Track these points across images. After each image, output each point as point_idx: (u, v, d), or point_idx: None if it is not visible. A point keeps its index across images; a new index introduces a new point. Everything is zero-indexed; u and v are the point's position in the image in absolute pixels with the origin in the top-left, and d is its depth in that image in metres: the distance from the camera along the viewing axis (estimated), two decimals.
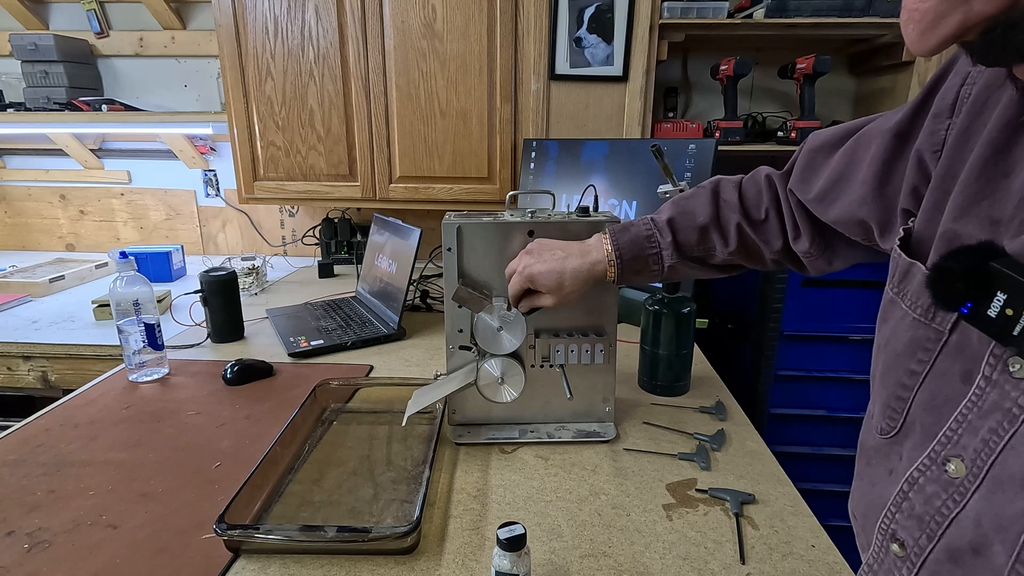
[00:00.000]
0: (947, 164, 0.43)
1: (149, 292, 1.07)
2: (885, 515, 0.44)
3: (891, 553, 0.43)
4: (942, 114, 0.45)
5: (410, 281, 1.30)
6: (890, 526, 0.44)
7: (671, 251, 0.73)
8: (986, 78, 0.43)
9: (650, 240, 0.73)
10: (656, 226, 0.74)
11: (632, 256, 0.74)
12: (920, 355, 0.42)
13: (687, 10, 1.54)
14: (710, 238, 0.72)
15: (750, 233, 0.71)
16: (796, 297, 1.33)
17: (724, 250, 0.72)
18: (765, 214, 0.70)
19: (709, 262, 0.74)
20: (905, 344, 0.44)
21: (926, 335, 0.42)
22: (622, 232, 0.74)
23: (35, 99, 1.81)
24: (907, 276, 0.44)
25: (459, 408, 0.90)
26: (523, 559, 0.56)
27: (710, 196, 0.73)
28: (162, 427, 0.91)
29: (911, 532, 0.42)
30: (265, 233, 2.13)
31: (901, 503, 0.43)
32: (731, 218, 0.71)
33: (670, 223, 0.73)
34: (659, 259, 0.73)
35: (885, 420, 0.46)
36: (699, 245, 0.73)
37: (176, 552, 0.64)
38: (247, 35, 1.58)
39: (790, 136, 1.63)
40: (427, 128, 1.62)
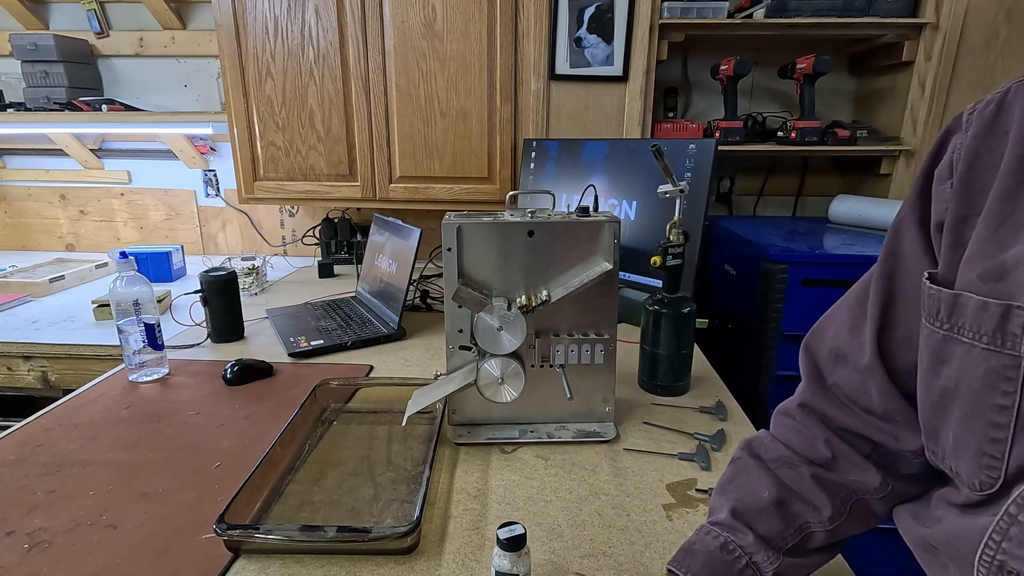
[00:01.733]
0: (956, 209, 0.43)
1: (149, 292, 1.07)
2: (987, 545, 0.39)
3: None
4: (943, 177, 0.45)
5: (410, 281, 1.30)
6: (995, 556, 0.38)
7: (764, 552, 0.52)
8: (974, 128, 0.43)
9: (727, 550, 0.52)
10: (723, 527, 0.54)
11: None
12: (1004, 386, 0.38)
13: (687, 10, 1.54)
14: (795, 512, 0.53)
15: (834, 480, 0.53)
16: (796, 297, 1.33)
17: (820, 518, 0.53)
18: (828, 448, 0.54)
19: (810, 546, 0.53)
20: (982, 379, 0.39)
21: (1002, 363, 0.38)
22: (686, 558, 0.53)
23: (35, 99, 1.81)
24: (955, 307, 0.41)
25: (459, 408, 0.90)
26: (523, 559, 0.56)
27: (754, 464, 0.57)
28: (162, 427, 0.91)
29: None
30: (265, 233, 2.13)
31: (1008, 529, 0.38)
32: (801, 474, 0.54)
33: (736, 515, 0.54)
34: (757, 571, 0.52)
35: (983, 472, 0.40)
36: (787, 529, 0.53)
37: (176, 552, 0.64)
38: (247, 35, 1.58)
39: (790, 136, 1.63)
40: (427, 128, 1.62)
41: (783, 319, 1.34)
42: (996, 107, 0.43)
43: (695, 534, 0.55)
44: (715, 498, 0.58)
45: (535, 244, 0.83)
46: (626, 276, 1.35)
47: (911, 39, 1.55)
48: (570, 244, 0.83)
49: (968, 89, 1.54)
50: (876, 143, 1.63)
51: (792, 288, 1.33)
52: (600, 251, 0.84)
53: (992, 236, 0.40)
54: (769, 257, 1.33)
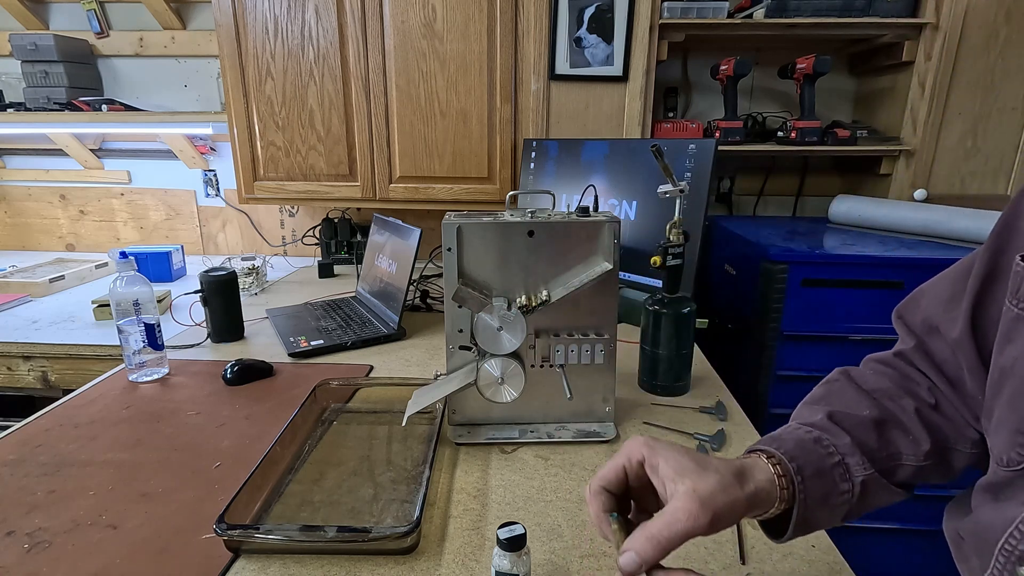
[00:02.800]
0: None
1: (149, 292, 1.07)
2: (1011, 535, 0.38)
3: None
4: None
5: (410, 281, 1.30)
6: (1018, 546, 0.38)
7: (859, 457, 0.48)
8: None
9: (821, 444, 0.48)
10: (816, 427, 0.50)
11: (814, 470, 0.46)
12: None
13: (687, 10, 1.54)
14: (892, 438, 0.50)
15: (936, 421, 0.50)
16: (796, 297, 1.33)
17: (918, 451, 0.49)
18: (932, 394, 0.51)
19: (895, 478, 0.50)
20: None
21: None
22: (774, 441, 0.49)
23: (35, 99, 1.81)
24: None
25: (459, 408, 0.90)
26: (523, 559, 0.56)
27: (853, 388, 0.53)
28: (162, 427, 0.91)
29: None
30: (265, 233, 2.13)
31: None
32: (904, 406, 0.51)
33: (833, 420, 0.50)
34: (847, 473, 0.47)
35: (1015, 449, 0.40)
36: (882, 448, 0.49)
37: (176, 552, 0.64)
38: (247, 35, 1.58)
39: (790, 136, 1.63)
40: (427, 128, 1.62)
41: (783, 319, 1.34)
42: None
43: (780, 430, 0.51)
44: (803, 408, 0.54)
45: (535, 244, 0.83)
46: (626, 276, 1.35)
47: (911, 39, 1.55)
48: (570, 244, 0.83)
49: (968, 89, 1.54)
50: (876, 143, 1.63)
51: (792, 288, 1.33)
52: (600, 251, 0.84)
53: None
54: (769, 257, 1.33)
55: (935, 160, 1.60)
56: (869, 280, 1.31)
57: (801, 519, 0.46)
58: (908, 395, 0.52)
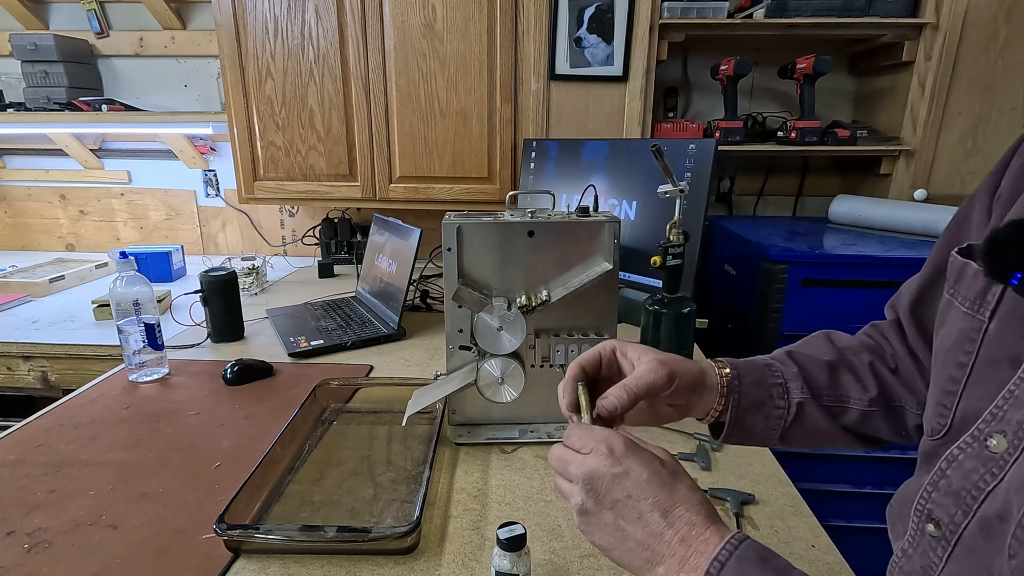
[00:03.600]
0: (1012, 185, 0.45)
1: (149, 292, 1.07)
2: (921, 496, 0.43)
3: (926, 534, 0.42)
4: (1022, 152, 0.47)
5: (410, 281, 1.30)
6: (926, 506, 0.42)
7: (799, 383, 0.56)
8: None
9: (770, 368, 0.57)
10: (773, 358, 0.59)
11: (753, 380, 0.56)
12: (967, 346, 0.42)
13: (687, 10, 1.54)
14: (841, 380, 0.57)
15: (888, 377, 0.57)
16: (796, 297, 1.33)
17: (863, 396, 0.56)
18: (895, 360, 0.58)
19: (842, 419, 0.57)
20: (954, 337, 0.44)
21: (971, 325, 0.42)
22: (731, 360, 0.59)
23: (35, 99, 1.81)
24: (961, 275, 0.45)
25: (459, 408, 0.90)
26: (523, 559, 0.56)
27: (824, 340, 0.61)
28: (162, 427, 0.91)
29: (947, 509, 0.41)
30: (265, 233, 2.13)
31: (938, 481, 0.42)
32: (861, 358, 0.58)
33: (790, 355, 0.59)
34: (784, 392, 0.56)
35: (936, 419, 0.45)
36: (830, 388, 0.57)
37: (176, 552, 0.64)
38: (247, 35, 1.58)
39: (790, 136, 1.63)
40: (427, 128, 1.62)
41: (783, 319, 1.34)
42: None
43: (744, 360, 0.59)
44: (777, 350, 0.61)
45: (535, 244, 0.83)
46: (626, 276, 1.35)
47: (911, 39, 1.55)
48: (570, 244, 0.83)
49: (968, 89, 1.54)
50: (876, 143, 1.63)
51: (792, 288, 1.33)
52: (600, 251, 0.84)
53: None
54: (769, 257, 1.33)
55: (935, 160, 1.60)
56: (869, 280, 1.31)
57: (735, 419, 0.56)
58: (869, 352, 0.59)
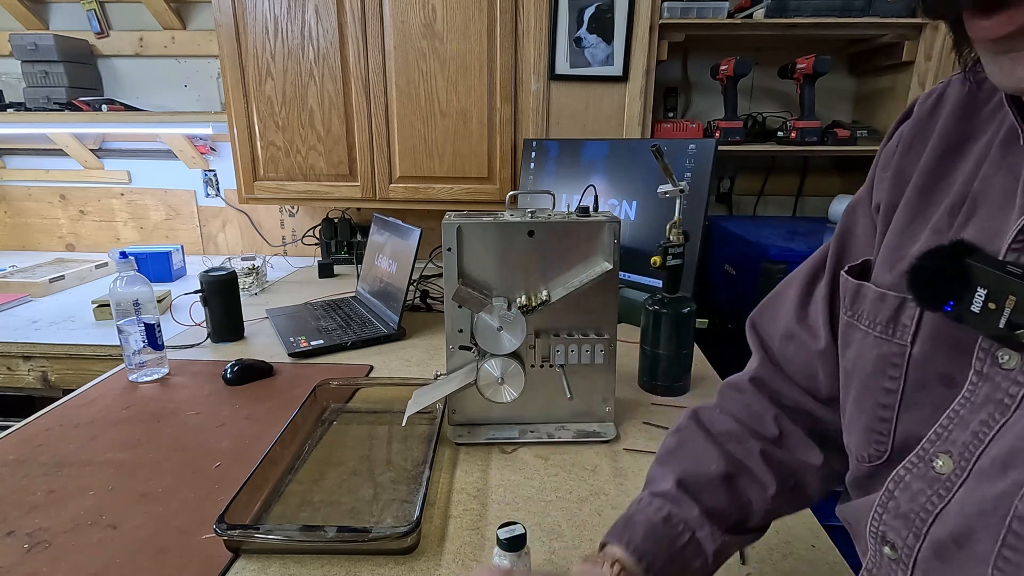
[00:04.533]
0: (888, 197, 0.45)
1: (149, 292, 1.07)
2: (873, 517, 0.42)
3: (885, 556, 0.42)
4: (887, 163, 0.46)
5: (410, 281, 1.30)
6: (879, 528, 0.42)
7: (708, 527, 0.49)
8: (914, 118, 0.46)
9: (671, 523, 0.49)
10: (666, 499, 0.51)
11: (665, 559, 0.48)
12: (891, 372, 0.41)
13: (687, 10, 1.54)
14: (741, 489, 0.52)
15: (781, 458, 0.53)
16: None
17: (765, 496, 0.52)
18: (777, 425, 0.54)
19: (749, 524, 0.52)
20: (873, 364, 0.43)
21: (891, 351, 0.41)
22: (626, 529, 0.50)
23: (35, 99, 1.81)
24: (858, 297, 0.44)
25: (459, 408, 0.90)
26: (523, 559, 0.56)
27: (702, 436, 0.55)
28: (162, 427, 0.91)
29: (899, 532, 0.40)
30: (265, 233, 2.13)
31: (887, 503, 0.41)
32: (750, 449, 0.53)
33: (681, 487, 0.51)
34: (699, 548, 0.49)
35: (872, 446, 0.43)
36: (732, 505, 0.51)
37: (176, 552, 0.64)
38: (247, 35, 1.58)
39: (790, 136, 1.63)
40: (427, 128, 1.62)
41: None
42: (936, 99, 0.45)
43: (634, 505, 0.52)
44: (656, 467, 0.55)
45: (535, 244, 0.83)
46: (626, 276, 1.35)
47: (911, 39, 1.55)
48: (570, 244, 0.83)
49: None
50: (876, 143, 1.63)
51: None
52: (600, 251, 0.84)
53: (905, 229, 0.43)
54: (769, 257, 1.33)
55: None
56: None
57: None
58: (753, 436, 0.54)
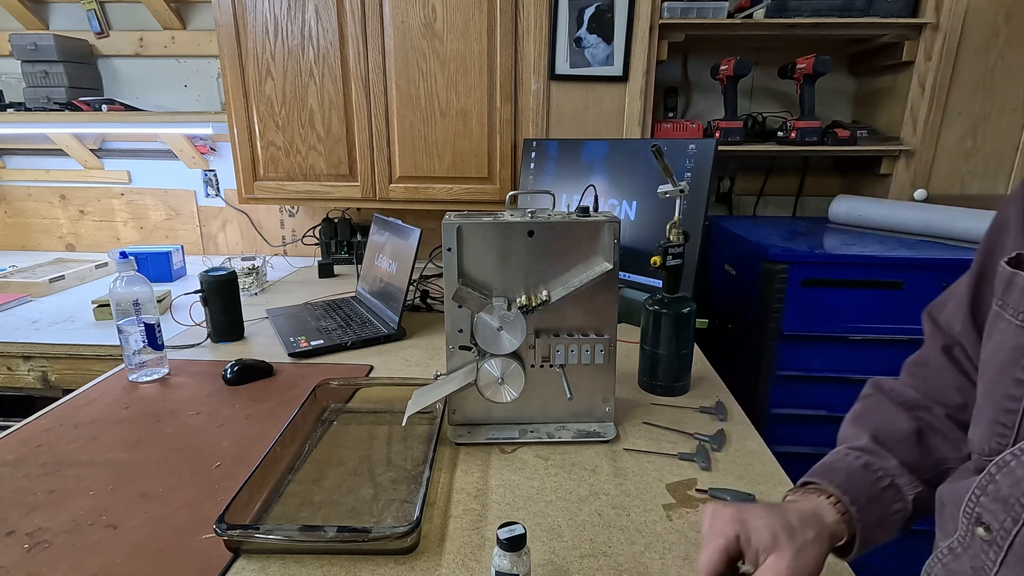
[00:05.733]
0: None
1: (149, 292, 1.07)
2: (969, 499, 0.43)
3: (977, 537, 0.42)
4: None
5: (410, 281, 1.30)
6: (975, 509, 0.42)
7: (907, 476, 0.53)
8: None
9: (870, 470, 0.53)
10: (863, 451, 0.54)
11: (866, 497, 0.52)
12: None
13: (687, 10, 1.54)
14: (934, 446, 0.54)
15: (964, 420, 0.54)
16: (796, 297, 1.33)
17: (959, 455, 0.53)
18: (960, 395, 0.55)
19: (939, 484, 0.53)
20: (1009, 354, 0.42)
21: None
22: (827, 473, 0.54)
23: (35, 99, 1.81)
24: (1009, 286, 0.44)
25: (459, 408, 0.90)
26: (523, 559, 0.56)
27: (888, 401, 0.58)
28: (162, 427, 0.91)
29: (995, 515, 0.41)
30: (265, 233, 2.13)
31: (987, 485, 0.42)
32: (935, 414, 0.55)
33: (877, 441, 0.55)
34: (898, 493, 0.52)
35: (994, 439, 0.43)
36: (926, 460, 0.54)
37: (176, 552, 0.64)
38: (247, 35, 1.58)
39: (790, 136, 1.63)
40: (427, 128, 1.62)
41: (783, 319, 1.34)
42: None
43: (831, 455, 0.56)
44: (848, 427, 0.59)
45: (535, 244, 0.83)
46: (626, 276, 1.35)
47: (911, 39, 1.55)
48: (570, 244, 0.83)
49: (968, 89, 1.54)
50: (876, 143, 1.63)
51: (792, 288, 1.33)
52: (600, 251, 0.84)
53: None
54: (769, 257, 1.33)
55: (935, 160, 1.60)
56: (869, 280, 1.31)
57: (863, 543, 0.52)
58: (936, 403, 0.56)
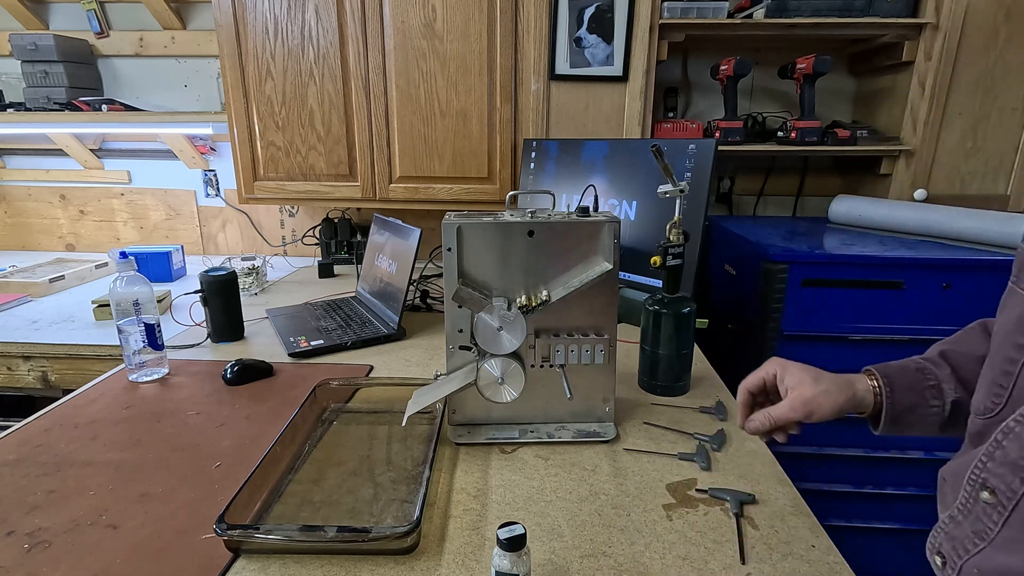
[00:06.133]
0: None
1: (149, 292, 1.07)
2: (975, 466, 0.45)
3: (980, 501, 0.45)
4: None
5: (410, 281, 1.30)
6: (981, 475, 0.45)
7: (952, 384, 0.60)
8: None
9: (923, 372, 0.62)
10: (926, 360, 0.64)
11: (905, 386, 0.62)
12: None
13: (687, 10, 1.54)
14: None
15: None
16: (796, 297, 1.33)
17: None
18: None
19: None
20: (1014, 322, 0.46)
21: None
22: (883, 367, 0.65)
23: (35, 99, 1.81)
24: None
25: (459, 408, 0.90)
26: (523, 559, 0.56)
27: (979, 331, 0.63)
28: (162, 427, 0.91)
29: (1003, 478, 0.43)
30: (265, 233, 2.13)
31: (994, 452, 0.44)
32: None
33: (944, 356, 0.63)
34: (939, 393, 0.61)
35: (990, 399, 0.47)
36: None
37: (176, 552, 0.64)
38: (247, 35, 1.58)
39: (790, 136, 1.63)
40: (427, 128, 1.62)
41: (783, 319, 1.34)
42: None
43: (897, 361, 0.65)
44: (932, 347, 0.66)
45: (535, 244, 0.83)
46: (626, 276, 1.35)
47: (911, 39, 1.55)
48: (570, 244, 0.83)
49: (968, 89, 1.54)
50: (876, 143, 1.63)
51: (792, 288, 1.33)
52: (600, 251, 0.84)
53: None
54: (769, 257, 1.33)
55: (935, 160, 1.60)
56: (869, 280, 1.31)
57: (889, 419, 0.63)
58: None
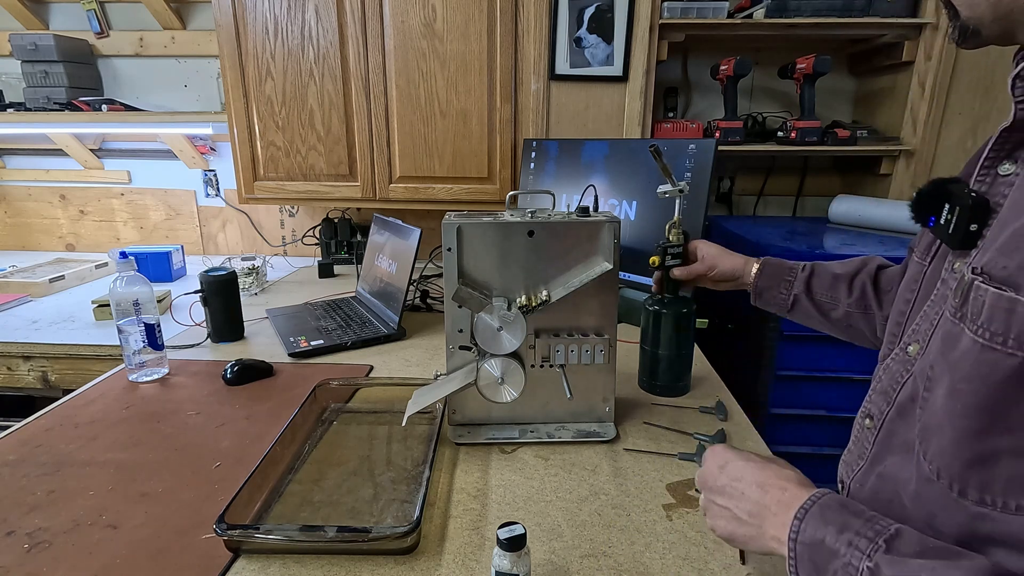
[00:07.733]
0: None
1: (149, 292, 1.07)
2: (865, 401, 0.55)
3: (864, 428, 0.54)
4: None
5: (410, 281, 1.30)
6: (866, 406, 0.54)
7: (802, 285, 0.82)
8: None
9: (789, 269, 0.84)
10: (802, 264, 0.85)
11: (771, 272, 0.86)
12: (912, 286, 0.54)
13: (687, 10, 1.54)
14: (839, 288, 0.79)
15: (871, 293, 0.76)
16: None
17: (845, 302, 0.78)
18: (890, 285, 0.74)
19: (831, 314, 0.80)
20: (906, 283, 0.56)
21: (917, 271, 0.54)
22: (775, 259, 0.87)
23: (35, 99, 1.81)
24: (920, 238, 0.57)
25: (459, 408, 0.90)
26: (523, 559, 0.56)
27: (859, 263, 0.80)
28: (162, 427, 0.91)
29: (878, 405, 0.52)
30: (265, 233, 2.13)
31: (876, 385, 0.54)
32: (864, 279, 0.78)
33: (814, 267, 0.83)
34: (789, 286, 0.83)
35: (886, 347, 0.56)
36: (828, 292, 0.80)
37: (176, 552, 0.64)
38: (247, 35, 1.58)
39: (790, 136, 1.63)
40: (427, 128, 1.62)
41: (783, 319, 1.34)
42: None
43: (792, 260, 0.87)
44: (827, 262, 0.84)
45: (535, 244, 0.83)
46: (626, 276, 1.35)
47: (911, 39, 1.55)
48: (570, 244, 0.83)
49: (968, 89, 1.54)
50: (876, 143, 1.63)
51: None
52: (600, 251, 0.84)
53: None
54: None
55: (935, 160, 1.60)
56: None
57: (755, 294, 0.88)
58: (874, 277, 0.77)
